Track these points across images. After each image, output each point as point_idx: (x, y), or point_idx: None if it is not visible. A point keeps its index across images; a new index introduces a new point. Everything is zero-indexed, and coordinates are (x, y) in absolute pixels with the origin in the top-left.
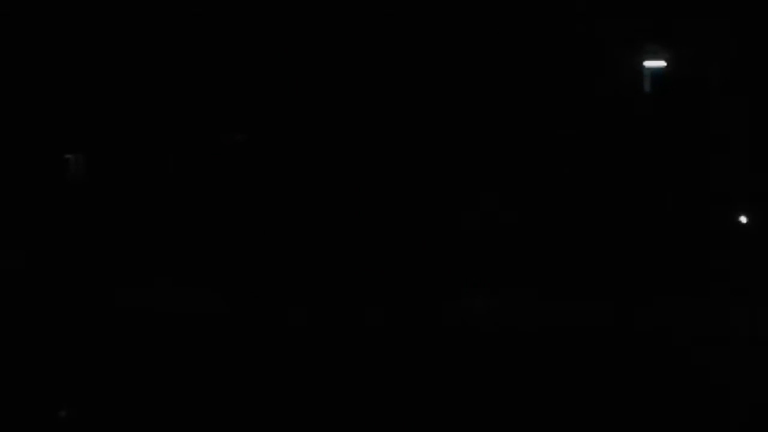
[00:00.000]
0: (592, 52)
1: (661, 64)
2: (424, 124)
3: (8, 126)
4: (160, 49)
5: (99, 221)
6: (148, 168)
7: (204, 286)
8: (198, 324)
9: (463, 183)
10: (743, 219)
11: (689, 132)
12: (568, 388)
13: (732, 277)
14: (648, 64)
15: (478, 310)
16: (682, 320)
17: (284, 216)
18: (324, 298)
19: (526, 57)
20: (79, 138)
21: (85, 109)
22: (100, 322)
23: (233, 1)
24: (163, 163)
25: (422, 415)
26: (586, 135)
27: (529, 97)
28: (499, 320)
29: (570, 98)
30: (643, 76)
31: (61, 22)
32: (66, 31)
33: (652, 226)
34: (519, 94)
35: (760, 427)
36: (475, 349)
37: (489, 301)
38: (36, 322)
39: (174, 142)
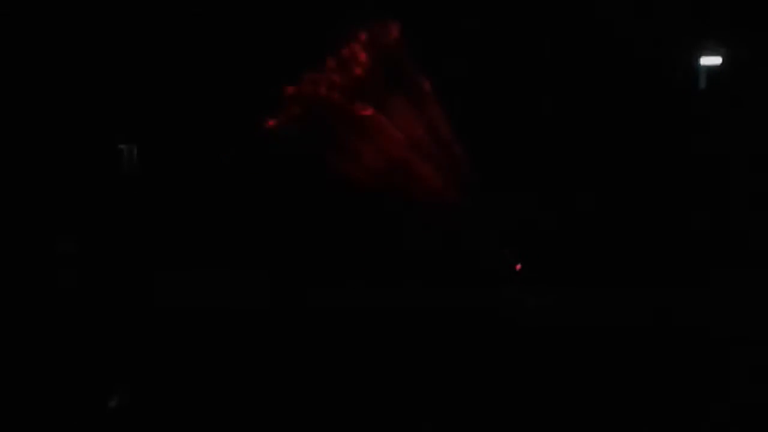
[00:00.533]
0: (648, 50)
1: (717, 61)
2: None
3: (61, 118)
4: (207, 40)
5: (153, 212)
6: (201, 159)
7: (251, 270)
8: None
9: (508, 182)
10: None
11: (745, 129)
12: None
13: None
14: (704, 61)
15: (530, 306)
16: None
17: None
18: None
19: (580, 54)
20: (132, 129)
21: (136, 100)
22: (145, 314)
23: None
24: (217, 153)
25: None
26: (640, 132)
27: (582, 95)
28: (552, 317)
29: (626, 95)
30: (699, 73)
31: (109, 19)
32: (117, 27)
33: (708, 223)
34: (574, 91)
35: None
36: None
37: (541, 299)
38: (88, 312)
39: (228, 132)
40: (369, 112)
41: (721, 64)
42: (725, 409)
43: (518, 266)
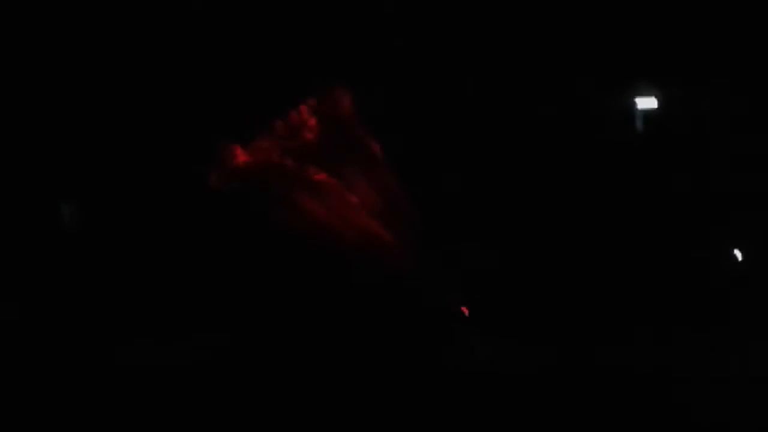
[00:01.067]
0: (582, 94)
1: (653, 103)
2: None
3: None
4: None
5: (94, 270)
6: (143, 213)
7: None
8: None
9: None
10: (739, 255)
11: (684, 169)
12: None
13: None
14: (639, 104)
15: (478, 352)
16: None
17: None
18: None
19: (514, 100)
20: (71, 186)
21: (76, 155)
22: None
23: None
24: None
25: None
26: (580, 175)
27: (523, 142)
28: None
29: (562, 140)
30: (635, 116)
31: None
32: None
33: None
34: (513, 139)
35: None
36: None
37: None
38: (34, 374)
39: (168, 186)
40: (322, 176)
41: (657, 107)
42: None
43: (465, 309)
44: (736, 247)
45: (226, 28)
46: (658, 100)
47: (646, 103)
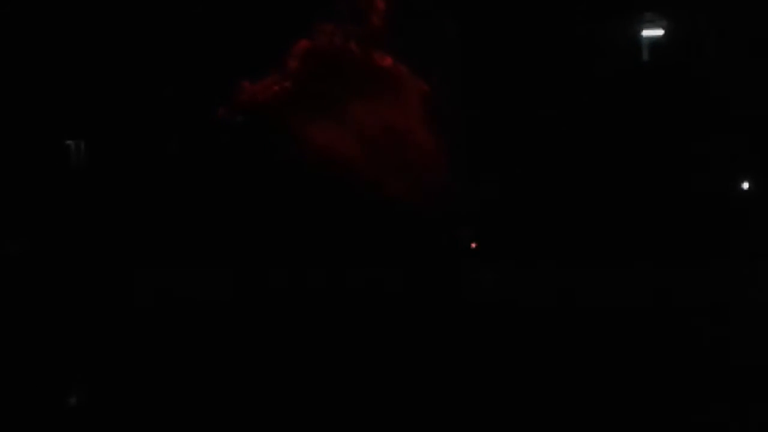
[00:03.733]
0: (589, 22)
1: (659, 32)
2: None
3: (7, 114)
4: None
5: (102, 208)
6: (150, 152)
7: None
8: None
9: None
10: (745, 186)
11: (689, 101)
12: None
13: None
14: (646, 33)
15: (487, 282)
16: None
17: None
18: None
19: (519, 29)
20: (79, 124)
21: (84, 94)
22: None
23: None
24: (166, 146)
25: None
26: (585, 106)
27: (525, 72)
28: (509, 293)
29: (567, 71)
30: (642, 45)
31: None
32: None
33: (652, 199)
34: (515, 69)
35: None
36: (486, 321)
37: (498, 274)
38: (40, 311)
39: (175, 124)
40: (388, 62)
41: (663, 35)
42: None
43: (474, 244)
44: (740, 178)
45: None
46: (665, 30)
47: (652, 32)
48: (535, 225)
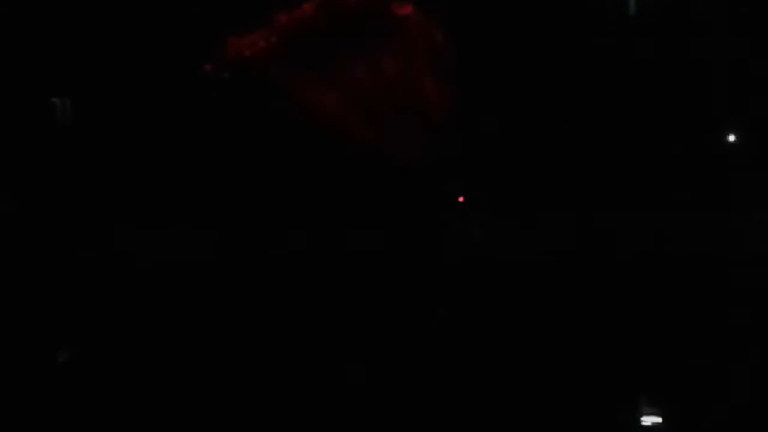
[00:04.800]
0: None
1: None
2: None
3: None
4: None
5: (88, 165)
6: (137, 109)
7: (201, 228)
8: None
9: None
10: (733, 138)
11: (679, 53)
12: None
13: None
14: None
15: (475, 236)
16: (680, 236)
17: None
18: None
19: None
20: (65, 81)
21: (70, 50)
22: (93, 266)
23: None
24: (153, 104)
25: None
26: (575, 55)
27: (510, 26)
28: (496, 247)
29: (553, 25)
30: None
31: None
32: None
33: (642, 148)
34: (500, 24)
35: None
36: (473, 276)
37: (484, 227)
38: (29, 269)
39: (162, 80)
40: (408, 10)
41: None
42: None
43: (461, 198)
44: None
45: None
46: None
47: None
48: (527, 176)
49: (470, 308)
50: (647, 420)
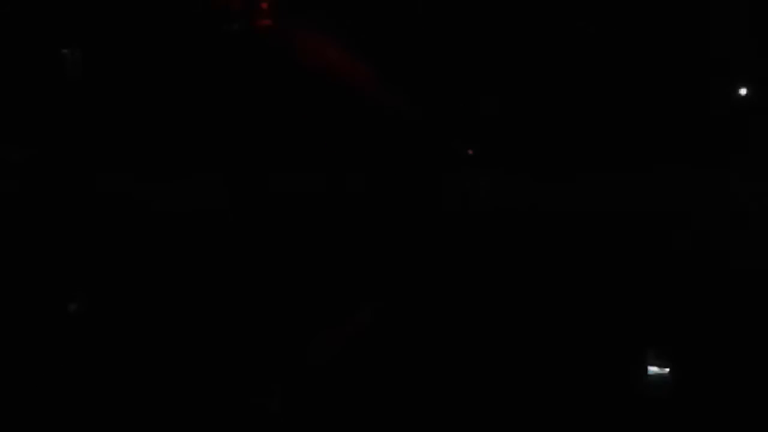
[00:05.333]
0: None
1: None
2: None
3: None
4: None
5: (98, 116)
6: (145, 60)
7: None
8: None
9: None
10: (743, 91)
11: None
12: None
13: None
14: None
15: (481, 190)
16: (682, 190)
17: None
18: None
19: None
20: (74, 32)
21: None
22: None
23: None
24: (161, 55)
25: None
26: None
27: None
28: (504, 200)
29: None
30: None
31: None
32: None
33: (647, 99)
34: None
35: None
36: (479, 229)
37: (492, 181)
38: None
39: (171, 34)
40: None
41: None
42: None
43: (470, 151)
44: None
45: None
46: None
47: None
48: (532, 133)
49: (471, 258)
50: (653, 369)
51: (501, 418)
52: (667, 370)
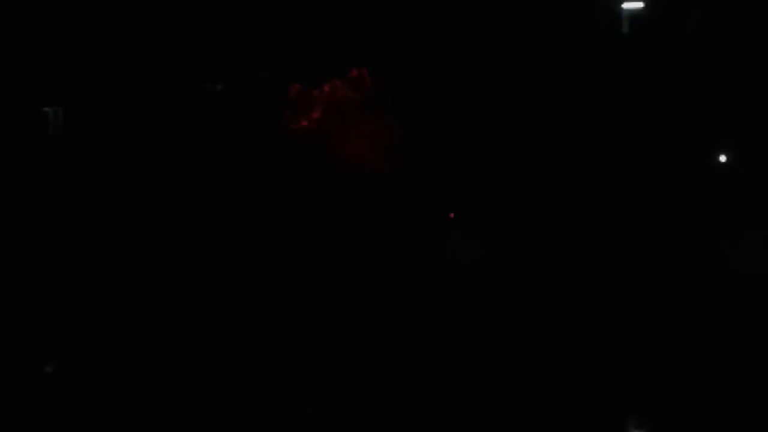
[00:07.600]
0: None
1: (639, 5)
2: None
3: None
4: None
5: (78, 173)
6: (126, 119)
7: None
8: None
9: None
10: (723, 158)
11: (669, 73)
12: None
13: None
14: (626, 6)
15: (467, 254)
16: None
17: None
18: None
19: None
20: (57, 91)
21: (62, 62)
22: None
23: None
24: (142, 114)
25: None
26: (567, 78)
27: (506, 43)
28: (488, 264)
29: (548, 41)
30: (621, 17)
31: None
32: None
33: (632, 166)
34: (497, 39)
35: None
36: (464, 292)
37: (477, 244)
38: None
39: (152, 93)
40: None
41: (643, 8)
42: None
43: (451, 215)
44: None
45: None
46: (645, 3)
47: (633, 4)
48: (518, 194)
49: (458, 320)
50: None
51: None
52: None
